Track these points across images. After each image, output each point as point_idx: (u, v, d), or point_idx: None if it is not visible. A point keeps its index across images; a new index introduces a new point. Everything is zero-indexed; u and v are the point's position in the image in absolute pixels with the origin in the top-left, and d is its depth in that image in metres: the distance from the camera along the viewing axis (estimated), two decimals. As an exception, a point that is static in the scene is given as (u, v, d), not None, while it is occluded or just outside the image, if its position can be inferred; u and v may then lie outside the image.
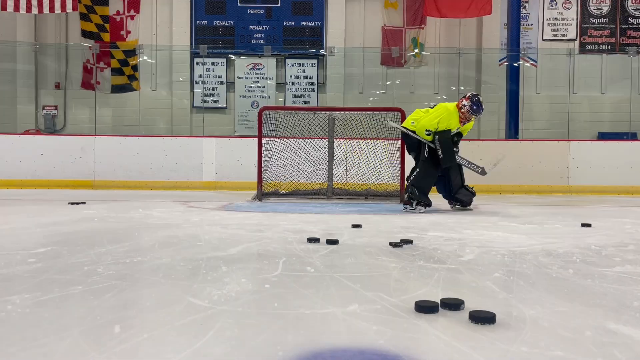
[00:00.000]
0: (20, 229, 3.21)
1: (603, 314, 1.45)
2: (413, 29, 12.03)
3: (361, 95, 12.11)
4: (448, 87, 11.97)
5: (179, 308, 1.45)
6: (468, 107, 4.86)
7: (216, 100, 11.98)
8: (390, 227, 3.50)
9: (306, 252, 2.39)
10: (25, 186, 8.28)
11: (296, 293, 1.65)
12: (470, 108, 4.85)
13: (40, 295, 1.58)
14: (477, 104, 4.86)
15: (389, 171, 6.46)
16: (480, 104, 4.89)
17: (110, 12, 11.93)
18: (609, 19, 12.06)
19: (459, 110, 4.91)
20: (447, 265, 2.13)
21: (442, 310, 1.44)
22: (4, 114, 11.74)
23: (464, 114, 4.89)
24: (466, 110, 4.87)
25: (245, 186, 8.24)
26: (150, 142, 8.75)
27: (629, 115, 11.15)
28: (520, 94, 10.80)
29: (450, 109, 4.91)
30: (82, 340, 1.18)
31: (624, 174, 8.55)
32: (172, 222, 3.65)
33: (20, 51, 11.79)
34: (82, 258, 2.20)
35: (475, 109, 4.86)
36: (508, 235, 3.12)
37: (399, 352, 1.13)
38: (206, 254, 2.36)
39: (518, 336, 1.25)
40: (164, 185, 8.38)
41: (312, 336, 1.24)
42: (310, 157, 6.66)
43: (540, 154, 8.66)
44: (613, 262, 2.25)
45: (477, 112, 4.88)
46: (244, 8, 12.03)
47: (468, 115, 4.89)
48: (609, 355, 1.13)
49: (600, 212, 5.16)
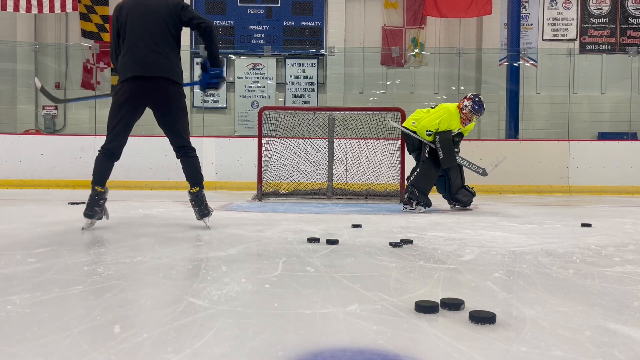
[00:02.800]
0: (20, 229, 3.20)
1: (603, 314, 1.45)
2: (413, 29, 12.03)
3: (361, 95, 12.11)
4: (448, 87, 11.98)
5: (179, 308, 1.45)
6: (470, 107, 4.86)
7: (216, 100, 11.98)
8: (390, 227, 3.50)
9: (306, 252, 2.39)
10: (25, 186, 8.29)
11: (296, 293, 1.65)
12: (472, 108, 4.85)
13: (40, 295, 1.58)
14: (478, 104, 4.86)
15: (389, 171, 6.46)
16: (481, 104, 4.88)
17: (110, 12, 11.94)
18: (609, 19, 12.06)
19: (461, 111, 4.91)
20: (447, 265, 2.13)
21: (442, 310, 1.44)
22: (4, 114, 11.74)
23: (466, 115, 4.89)
24: (468, 110, 4.87)
25: (245, 186, 8.24)
26: (150, 142, 8.75)
27: (629, 115, 11.16)
28: (520, 94, 10.80)
29: (451, 110, 4.91)
30: (82, 340, 1.18)
31: (624, 174, 8.55)
32: (172, 222, 3.65)
33: (20, 51, 11.79)
34: (82, 258, 2.20)
35: (477, 109, 4.85)
36: (508, 235, 3.12)
37: (398, 352, 1.13)
38: (206, 254, 2.36)
39: (518, 336, 1.25)
40: (164, 185, 8.38)
41: (312, 336, 1.24)
42: (310, 157, 6.66)
43: (540, 154, 8.66)
44: (613, 262, 2.25)
45: (478, 112, 4.87)
46: (244, 8, 12.03)
47: (470, 115, 4.88)
48: (609, 355, 1.13)
49: (600, 212, 5.16)
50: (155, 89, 3.21)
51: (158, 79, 3.19)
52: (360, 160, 6.73)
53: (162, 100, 3.24)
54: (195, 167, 3.37)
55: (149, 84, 3.18)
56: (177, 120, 3.30)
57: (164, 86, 3.21)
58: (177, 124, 3.30)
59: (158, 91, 3.21)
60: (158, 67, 3.18)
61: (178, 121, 3.30)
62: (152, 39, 3.19)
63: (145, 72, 3.16)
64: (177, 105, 3.29)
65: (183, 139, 3.32)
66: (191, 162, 3.36)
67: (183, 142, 3.33)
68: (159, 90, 3.21)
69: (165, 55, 3.20)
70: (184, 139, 3.33)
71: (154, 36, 3.19)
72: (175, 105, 3.28)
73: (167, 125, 3.31)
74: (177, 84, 3.28)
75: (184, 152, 3.34)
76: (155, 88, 3.20)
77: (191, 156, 3.35)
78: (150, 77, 3.18)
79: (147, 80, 3.18)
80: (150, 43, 3.18)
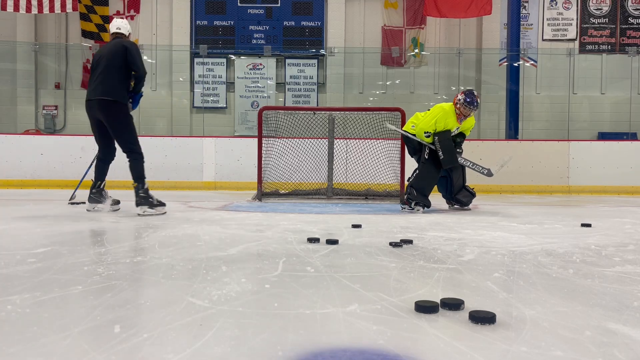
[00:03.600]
0: (20, 229, 3.21)
1: (603, 314, 1.45)
2: (413, 29, 12.03)
3: (361, 95, 12.11)
4: (448, 87, 11.98)
5: (179, 308, 1.45)
6: (462, 100, 4.87)
7: (216, 100, 11.98)
8: (390, 227, 3.50)
9: (306, 252, 2.39)
10: (25, 186, 8.29)
11: (296, 293, 1.65)
12: (464, 101, 4.86)
13: (40, 295, 1.58)
14: (470, 96, 4.88)
15: (389, 171, 6.46)
16: (473, 96, 4.90)
17: (110, 12, 11.94)
18: (609, 19, 12.06)
19: (455, 107, 4.92)
20: (447, 265, 2.13)
21: (442, 310, 1.44)
22: (4, 114, 11.74)
23: (460, 109, 4.90)
24: (461, 104, 4.87)
25: (245, 186, 8.24)
26: (150, 142, 8.72)
27: (629, 115, 11.16)
28: (520, 94, 10.80)
29: (445, 108, 4.93)
30: (82, 340, 1.18)
31: (624, 174, 8.55)
32: (172, 222, 3.65)
33: (20, 51, 11.79)
34: (82, 258, 2.20)
35: (469, 101, 4.85)
36: (508, 235, 3.12)
37: (399, 352, 1.13)
38: (206, 254, 2.36)
39: (518, 336, 1.25)
40: (164, 185, 8.38)
41: (312, 336, 1.24)
42: (310, 157, 6.66)
43: (540, 154, 8.66)
44: (613, 262, 2.25)
45: (471, 105, 4.85)
46: (244, 8, 12.03)
47: (464, 109, 4.88)
48: (609, 355, 1.13)
49: (600, 212, 5.16)
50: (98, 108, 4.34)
51: (99, 100, 4.29)
52: (360, 160, 6.73)
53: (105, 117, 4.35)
54: (133, 168, 4.34)
55: (93, 104, 4.37)
56: (118, 132, 4.38)
57: (105, 105, 4.29)
58: (120, 135, 4.40)
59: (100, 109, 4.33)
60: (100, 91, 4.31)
61: (120, 132, 4.38)
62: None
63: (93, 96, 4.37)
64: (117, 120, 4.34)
65: (125, 146, 4.39)
66: (131, 163, 4.37)
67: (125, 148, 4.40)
68: (101, 109, 4.32)
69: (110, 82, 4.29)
70: (126, 146, 4.38)
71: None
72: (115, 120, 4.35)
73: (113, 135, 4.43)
74: (118, 102, 4.28)
75: (127, 156, 4.41)
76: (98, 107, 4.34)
77: (132, 159, 4.36)
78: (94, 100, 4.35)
79: (92, 101, 4.37)
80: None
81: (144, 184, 4.30)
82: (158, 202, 4.30)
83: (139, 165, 4.35)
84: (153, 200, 4.26)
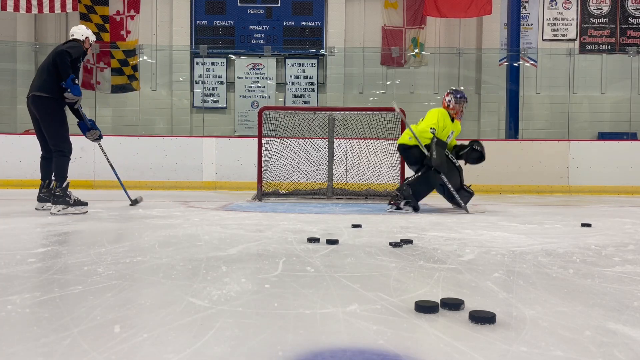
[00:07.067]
0: (20, 229, 3.21)
1: (603, 314, 1.45)
2: (413, 29, 12.03)
3: (361, 95, 12.11)
4: (448, 87, 11.88)
5: (179, 308, 1.45)
6: (452, 99, 5.08)
7: (216, 100, 11.99)
8: (390, 227, 3.50)
9: (306, 252, 2.39)
10: (25, 186, 8.28)
11: (296, 293, 1.65)
12: (454, 98, 5.07)
13: (40, 295, 1.58)
14: (456, 92, 5.11)
15: (389, 171, 6.46)
16: (458, 90, 5.16)
17: (110, 12, 11.94)
18: (609, 19, 12.06)
19: (448, 109, 5.09)
20: (447, 265, 2.13)
21: (442, 310, 1.44)
22: (4, 114, 11.74)
23: (454, 108, 5.07)
24: (453, 102, 5.07)
25: (245, 186, 8.25)
26: (150, 142, 8.75)
27: (629, 115, 11.16)
28: (520, 94, 10.80)
29: (441, 110, 5.08)
30: (82, 340, 1.18)
31: (624, 174, 8.56)
32: (171, 222, 3.65)
33: (20, 51, 11.79)
34: (82, 258, 2.20)
35: (459, 96, 5.08)
36: (508, 235, 3.12)
37: (399, 352, 1.13)
38: (206, 254, 2.36)
39: (518, 336, 1.25)
40: (164, 185, 8.38)
41: (312, 336, 1.24)
42: (310, 157, 6.66)
43: (540, 154, 8.66)
44: (613, 262, 2.25)
45: (463, 97, 5.08)
46: (244, 8, 12.03)
47: (458, 105, 5.07)
48: (609, 355, 1.13)
49: (600, 212, 5.16)
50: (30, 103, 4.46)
51: (32, 96, 4.43)
52: (360, 160, 6.73)
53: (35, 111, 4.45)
54: (56, 165, 4.38)
55: (29, 100, 4.48)
56: (46, 126, 4.45)
57: (36, 100, 4.40)
58: (47, 129, 4.46)
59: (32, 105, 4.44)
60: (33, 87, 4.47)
61: (48, 127, 4.44)
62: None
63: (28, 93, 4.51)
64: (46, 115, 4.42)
65: (51, 141, 4.44)
66: (54, 160, 4.41)
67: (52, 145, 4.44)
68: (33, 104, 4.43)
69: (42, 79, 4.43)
70: (52, 141, 4.43)
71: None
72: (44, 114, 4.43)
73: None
74: (48, 98, 4.38)
75: (53, 152, 4.43)
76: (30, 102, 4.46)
77: (56, 157, 4.39)
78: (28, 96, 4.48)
79: (28, 98, 4.49)
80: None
81: (62, 183, 4.31)
82: (77, 201, 4.33)
83: (61, 163, 4.39)
84: (70, 200, 4.28)
